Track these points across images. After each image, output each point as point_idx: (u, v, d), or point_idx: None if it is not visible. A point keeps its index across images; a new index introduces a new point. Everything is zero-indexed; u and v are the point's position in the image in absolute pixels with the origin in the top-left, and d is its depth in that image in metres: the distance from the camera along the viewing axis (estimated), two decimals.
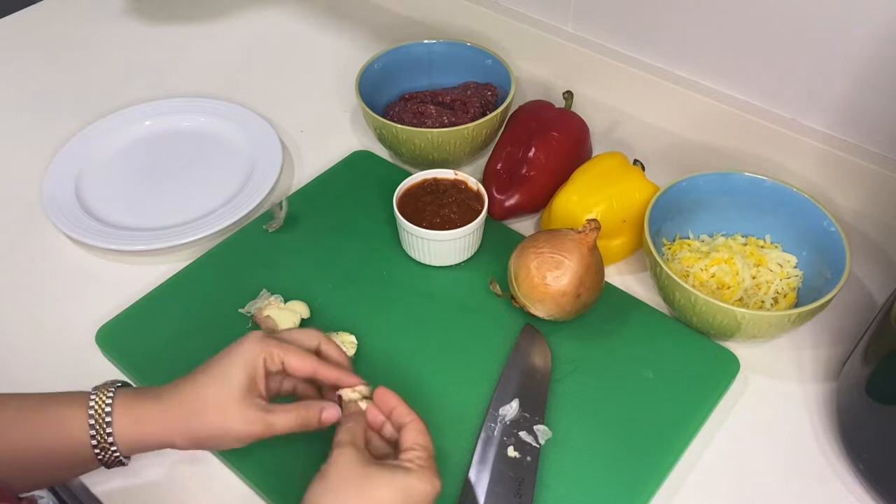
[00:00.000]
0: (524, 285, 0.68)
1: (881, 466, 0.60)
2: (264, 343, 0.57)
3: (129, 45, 1.11)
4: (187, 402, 0.55)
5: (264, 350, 0.56)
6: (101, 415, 0.54)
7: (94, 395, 0.55)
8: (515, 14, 1.02)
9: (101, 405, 0.54)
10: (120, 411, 0.54)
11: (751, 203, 0.75)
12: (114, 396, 0.55)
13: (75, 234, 0.80)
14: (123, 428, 0.54)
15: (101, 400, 0.54)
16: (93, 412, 0.54)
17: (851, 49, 0.76)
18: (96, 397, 0.55)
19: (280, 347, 0.57)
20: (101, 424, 0.54)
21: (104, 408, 0.54)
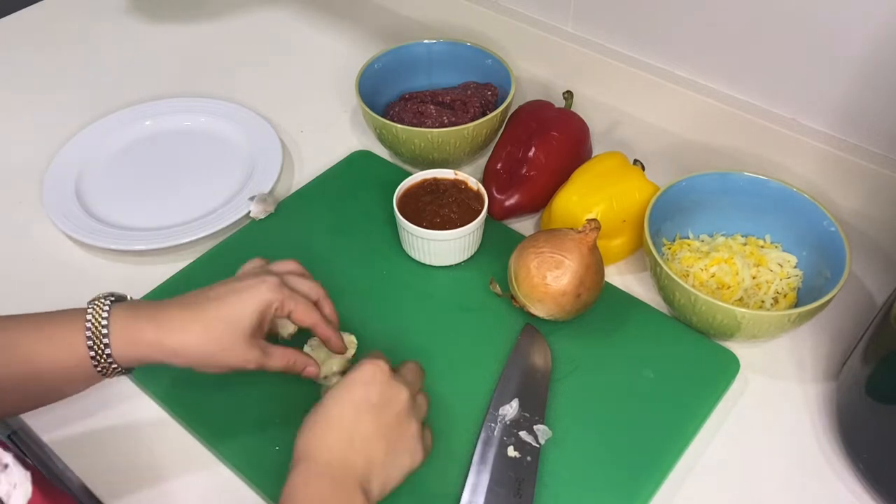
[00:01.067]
0: (524, 285, 0.68)
1: (881, 466, 0.60)
2: (280, 293, 0.59)
3: (129, 45, 1.11)
4: (190, 335, 0.56)
5: (278, 300, 0.59)
6: (98, 335, 0.55)
7: (91, 313, 0.55)
8: (515, 14, 1.02)
9: (97, 323, 0.55)
10: (117, 330, 0.55)
11: (751, 203, 0.75)
12: (109, 314, 0.55)
13: (75, 234, 0.80)
14: (121, 347, 0.55)
15: (97, 318, 0.55)
16: (90, 333, 0.55)
17: (851, 49, 0.76)
18: (92, 316, 0.55)
19: (292, 299, 0.60)
20: (99, 345, 0.55)
21: (100, 328, 0.55)
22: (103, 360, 0.55)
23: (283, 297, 0.59)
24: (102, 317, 0.55)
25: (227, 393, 0.67)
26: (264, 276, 0.59)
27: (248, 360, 0.58)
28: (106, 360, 0.55)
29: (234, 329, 0.57)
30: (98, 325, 0.55)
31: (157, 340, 0.56)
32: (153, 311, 0.57)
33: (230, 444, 0.64)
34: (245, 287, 0.58)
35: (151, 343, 0.56)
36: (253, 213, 0.82)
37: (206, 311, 0.57)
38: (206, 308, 0.57)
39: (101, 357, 0.55)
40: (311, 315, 0.61)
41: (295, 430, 0.63)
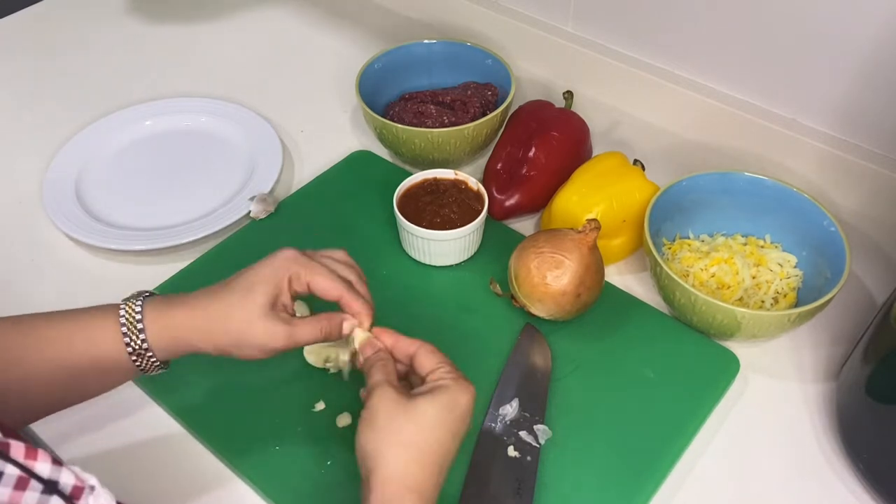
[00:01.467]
0: (524, 285, 0.68)
1: (881, 466, 0.60)
2: (293, 263, 0.57)
3: (129, 45, 1.11)
4: (211, 313, 0.55)
5: (290, 270, 0.57)
6: (132, 323, 0.54)
7: (124, 306, 0.55)
8: (515, 14, 1.02)
9: (131, 314, 0.55)
10: (150, 319, 0.55)
11: (751, 203, 0.75)
12: (143, 305, 0.55)
13: (75, 234, 0.80)
14: (155, 334, 0.55)
15: (131, 309, 0.55)
16: (124, 321, 0.54)
17: (851, 49, 0.76)
18: (126, 308, 0.55)
19: (307, 268, 0.57)
20: (134, 332, 0.54)
21: (135, 316, 0.55)
22: (139, 347, 0.54)
23: (300, 266, 0.57)
24: (136, 308, 0.55)
25: (229, 394, 0.67)
26: (283, 250, 0.58)
27: (272, 335, 0.55)
28: (141, 346, 0.55)
29: (249, 301, 0.55)
30: (132, 315, 0.55)
31: (187, 323, 0.55)
32: (185, 297, 0.57)
33: (231, 444, 0.64)
34: (264, 261, 0.58)
35: (182, 327, 0.55)
36: (253, 213, 0.82)
37: (225, 288, 0.57)
38: (227, 285, 0.57)
39: (135, 344, 0.54)
40: (333, 286, 0.58)
41: (295, 431, 0.63)
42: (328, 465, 0.62)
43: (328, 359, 0.68)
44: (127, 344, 0.54)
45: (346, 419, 0.64)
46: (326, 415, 0.65)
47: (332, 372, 0.67)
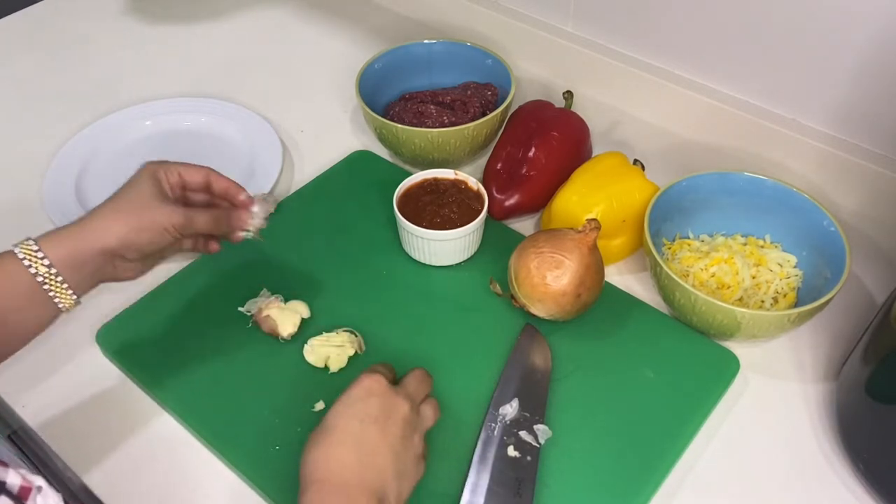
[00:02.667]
0: (524, 285, 0.68)
1: (881, 466, 0.60)
2: (157, 165, 0.64)
3: (129, 45, 1.11)
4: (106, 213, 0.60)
5: (159, 166, 0.64)
6: (30, 251, 0.57)
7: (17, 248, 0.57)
8: (515, 14, 1.02)
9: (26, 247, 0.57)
10: (46, 243, 0.57)
11: (751, 203, 0.75)
12: (35, 240, 0.58)
13: None
14: (55, 252, 0.57)
15: (25, 245, 0.57)
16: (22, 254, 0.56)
17: (851, 49, 0.76)
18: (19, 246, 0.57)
19: (172, 164, 0.64)
20: (37, 262, 0.56)
21: (33, 251, 0.57)
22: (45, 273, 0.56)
23: (165, 165, 0.64)
24: (29, 241, 0.57)
25: (228, 393, 0.67)
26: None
27: (171, 212, 0.61)
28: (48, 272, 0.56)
29: (139, 195, 0.61)
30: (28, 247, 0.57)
31: (79, 230, 0.59)
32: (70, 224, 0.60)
33: (231, 444, 0.64)
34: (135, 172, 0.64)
35: (76, 235, 0.58)
36: None
37: (111, 198, 0.62)
38: (112, 196, 0.62)
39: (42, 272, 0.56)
40: (199, 171, 0.65)
41: (295, 431, 0.63)
42: None
43: (328, 358, 0.68)
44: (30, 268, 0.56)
45: None
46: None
47: None
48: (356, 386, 0.56)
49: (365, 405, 0.54)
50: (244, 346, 0.70)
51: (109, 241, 0.59)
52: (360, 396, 0.55)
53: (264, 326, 0.70)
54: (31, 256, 0.56)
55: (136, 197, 0.61)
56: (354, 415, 0.54)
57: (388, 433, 0.53)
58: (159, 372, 0.68)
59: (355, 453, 0.52)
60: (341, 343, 0.68)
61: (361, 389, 0.55)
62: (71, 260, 0.57)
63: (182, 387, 0.67)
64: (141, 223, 0.60)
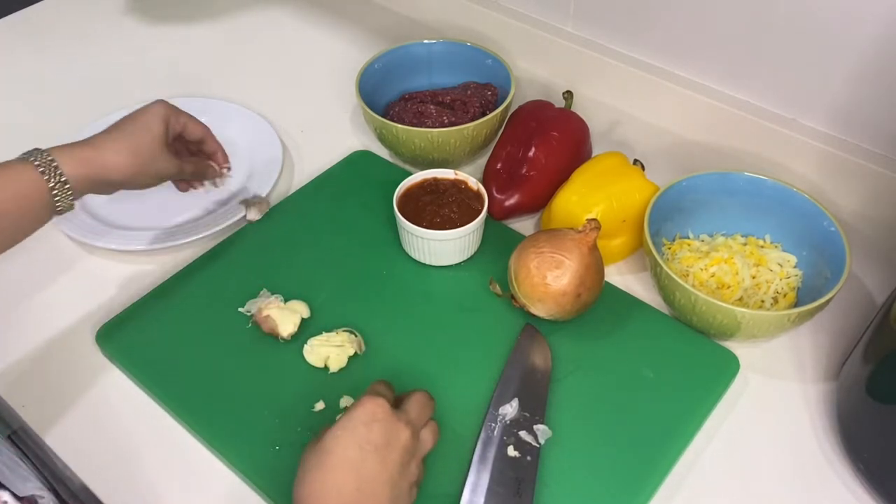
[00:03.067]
0: (524, 285, 0.68)
1: (881, 466, 0.60)
2: (171, 106, 0.73)
3: (129, 45, 1.11)
4: (122, 148, 0.67)
5: (171, 111, 0.72)
6: (46, 162, 0.63)
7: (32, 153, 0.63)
8: (515, 14, 1.02)
9: (42, 157, 0.63)
10: (62, 157, 0.64)
11: (751, 203, 0.75)
12: (50, 152, 0.64)
13: (75, 234, 0.80)
14: (71, 171, 0.64)
15: (40, 155, 0.63)
16: (38, 163, 0.62)
17: (851, 49, 0.76)
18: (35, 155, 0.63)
19: (182, 113, 0.74)
20: (53, 173, 0.63)
21: (49, 161, 0.63)
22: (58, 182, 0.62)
23: (175, 109, 0.73)
24: (45, 152, 0.63)
25: (229, 394, 0.67)
26: (155, 101, 0.73)
27: (170, 164, 0.71)
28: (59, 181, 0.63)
29: (153, 136, 0.69)
30: (45, 158, 0.63)
31: (96, 157, 0.65)
32: (84, 141, 0.67)
33: (231, 444, 0.64)
34: (147, 107, 0.72)
35: (92, 160, 0.65)
36: (249, 217, 0.82)
37: (126, 128, 0.69)
38: (126, 126, 0.69)
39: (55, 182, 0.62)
40: (200, 127, 0.76)
41: (295, 431, 0.63)
42: None
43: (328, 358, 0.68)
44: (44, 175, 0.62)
45: None
46: (326, 415, 0.65)
47: None
48: (358, 408, 0.53)
49: (367, 431, 0.52)
50: (244, 346, 0.70)
51: (117, 177, 0.67)
52: (362, 420, 0.52)
53: (264, 326, 0.70)
54: (48, 168, 0.62)
55: (148, 139, 0.69)
56: (355, 440, 0.52)
57: (387, 462, 0.52)
58: (159, 372, 0.68)
59: (354, 481, 0.50)
60: (341, 343, 0.68)
61: (364, 413, 0.53)
62: (83, 179, 0.64)
63: (182, 387, 0.67)
64: (146, 168, 0.69)
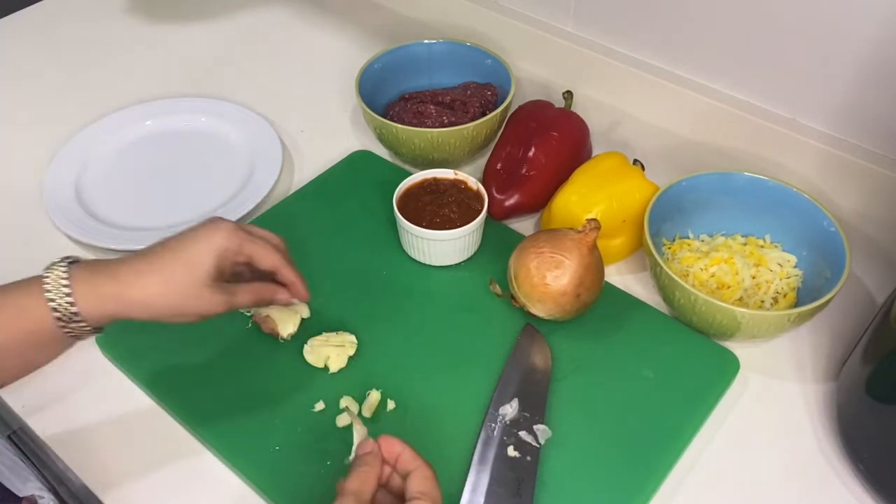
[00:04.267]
0: (524, 285, 0.68)
1: (881, 466, 0.60)
2: (236, 236, 0.59)
3: (129, 45, 1.11)
4: (151, 288, 0.55)
5: (233, 242, 0.58)
6: (61, 295, 0.54)
7: (49, 277, 0.54)
8: (515, 14, 1.02)
9: (57, 284, 0.54)
10: (80, 288, 0.54)
11: (751, 203, 0.75)
12: (70, 275, 0.54)
13: (76, 234, 0.80)
14: (85, 305, 0.54)
15: (57, 280, 0.54)
16: (52, 294, 0.54)
17: (851, 49, 0.76)
18: (52, 279, 0.54)
19: (250, 242, 0.60)
20: (64, 305, 0.54)
21: (62, 289, 0.54)
22: (70, 319, 0.54)
23: (241, 239, 0.59)
24: (63, 278, 0.54)
25: (229, 394, 0.67)
26: (219, 222, 0.59)
27: (215, 304, 0.57)
28: (73, 319, 0.54)
29: (195, 275, 0.56)
30: (59, 286, 0.54)
31: (119, 294, 0.55)
32: (112, 266, 0.56)
33: (231, 444, 0.64)
34: (202, 233, 0.58)
35: (114, 297, 0.55)
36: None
37: (162, 260, 0.56)
38: (163, 256, 0.57)
39: (67, 317, 0.54)
40: (272, 257, 0.61)
41: (295, 431, 0.63)
42: (328, 465, 0.62)
43: (328, 358, 0.68)
44: (55, 312, 0.53)
45: (346, 419, 0.64)
46: (326, 415, 0.65)
47: None
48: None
49: None
50: (244, 346, 0.70)
51: (142, 315, 0.56)
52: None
53: (264, 327, 0.70)
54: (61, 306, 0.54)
55: (187, 279, 0.56)
56: None
57: None
58: (159, 372, 0.68)
59: None
60: (341, 343, 0.68)
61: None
62: (101, 317, 0.55)
63: (182, 387, 0.67)
64: (181, 310, 0.57)
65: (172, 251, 0.57)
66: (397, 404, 0.66)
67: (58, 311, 0.53)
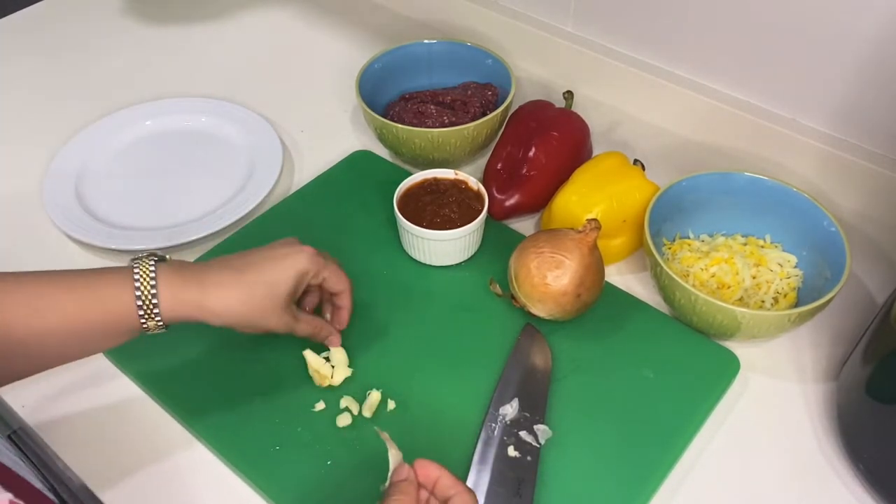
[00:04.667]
0: (524, 285, 0.68)
1: (881, 466, 0.60)
2: (317, 261, 0.63)
3: (129, 45, 1.11)
4: (232, 302, 0.59)
5: (315, 266, 0.63)
6: (147, 294, 0.56)
7: (138, 272, 0.56)
8: (515, 14, 1.02)
9: (145, 282, 0.56)
10: (164, 290, 0.57)
11: (751, 203, 0.75)
12: (156, 275, 0.57)
13: (76, 234, 0.80)
14: (167, 306, 0.57)
15: (145, 277, 0.56)
16: (140, 293, 0.56)
17: (851, 49, 0.76)
18: (140, 275, 0.56)
19: (326, 268, 0.64)
20: (149, 304, 0.56)
21: (149, 287, 0.56)
22: (151, 318, 0.57)
23: (319, 265, 0.63)
24: (150, 276, 0.56)
25: (228, 393, 0.67)
26: (302, 246, 0.63)
27: (283, 322, 0.62)
28: (153, 317, 0.56)
29: (274, 294, 0.60)
30: (147, 284, 0.56)
31: (200, 301, 0.58)
32: (198, 272, 0.59)
33: (231, 444, 0.64)
34: (285, 254, 0.62)
35: (195, 303, 0.58)
36: None
37: (247, 276, 0.60)
38: (247, 272, 0.60)
39: (149, 315, 0.56)
40: (343, 280, 0.66)
41: (295, 431, 0.63)
42: (328, 465, 0.62)
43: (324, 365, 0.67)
44: (140, 309, 0.56)
45: (346, 419, 0.64)
46: (326, 415, 0.65)
47: None
48: None
49: None
50: (244, 346, 0.70)
51: (215, 322, 0.59)
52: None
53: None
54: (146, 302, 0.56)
55: (266, 298, 0.60)
56: None
57: None
58: (159, 372, 0.68)
59: None
60: (337, 364, 0.68)
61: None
62: (178, 318, 0.58)
63: (182, 387, 0.67)
64: (253, 323, 0.60)
65: (258, 271, 0.60)
66: (397, 404, 0.66)
67: (142, 303, 0.56)
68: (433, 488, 0.51)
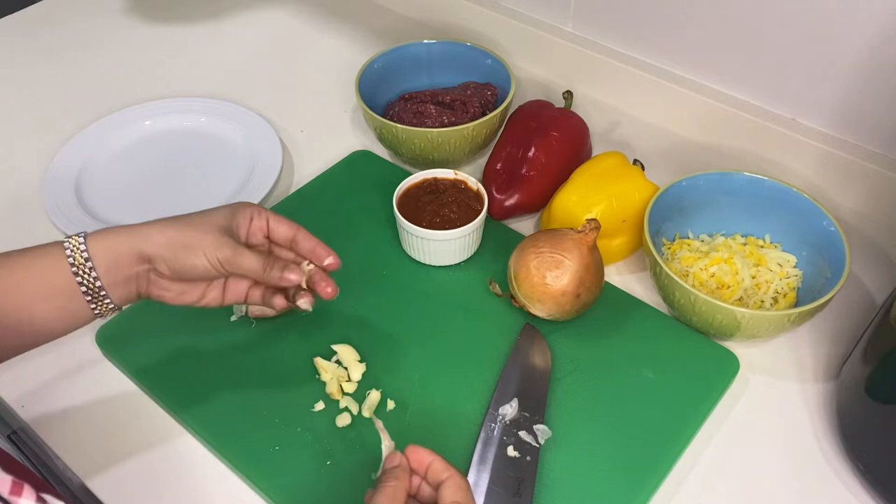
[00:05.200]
0: (524, 285, 0.68)
1: (881, 466, 0.60)
2: (253, 206, 0.62)
3: (129, 45, 1.11)
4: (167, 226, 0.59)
5: (249, 207, 0.62)
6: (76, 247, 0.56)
7: (67, 240, 0.56)
8: (515, 14, 1.02)
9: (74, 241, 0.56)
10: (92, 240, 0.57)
11: (751, 203, 0.75)
12: (85, 236, 0.57)
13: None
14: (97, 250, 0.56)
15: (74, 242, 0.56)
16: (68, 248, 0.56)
17: (851, 49, 0.76)
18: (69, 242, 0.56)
19: (267, 211, 0.63)
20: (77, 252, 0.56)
21: (78, 242, 0.56)
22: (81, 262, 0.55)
23: (259, 209, 0.62)
24: (79, 240, 0.56)
25: (228, 393, 0.67)
26: None
27: (221, 244, 0.58)
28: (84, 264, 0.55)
29: (209, 222, 0.59)
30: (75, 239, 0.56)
31: (128, 230, 0.58)
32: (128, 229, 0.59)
33: (231, 444, 0.64)
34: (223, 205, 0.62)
35: (122, 233, 0.57)
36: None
37: (182, 216, 0.60)
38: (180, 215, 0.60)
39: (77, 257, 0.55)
40: (291, 222, 0.63)
41: (294, 431, 0.63)
42: (328, 465, 0.62)
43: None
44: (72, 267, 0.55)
45: (346, 419, 0.64)
46: (326, 415, 0.65)
47: None
48: None
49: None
50: (244, 346, 0.70)
51: (146, 248, 0.57)
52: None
53: (256, 311, 0.70)
54: (75, 247, 0.56)
55: (199, 219, 0.59)
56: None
57: None
58: (159, 372, 0.68)
59: None
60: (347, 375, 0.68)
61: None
62: (108, 255, 0.56)
63: (182, 387, 0.67)
64: (185, 240, 0.58)
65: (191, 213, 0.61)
66: (397, 404, 0.66)
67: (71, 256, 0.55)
68: (425, 474, 0.51)
